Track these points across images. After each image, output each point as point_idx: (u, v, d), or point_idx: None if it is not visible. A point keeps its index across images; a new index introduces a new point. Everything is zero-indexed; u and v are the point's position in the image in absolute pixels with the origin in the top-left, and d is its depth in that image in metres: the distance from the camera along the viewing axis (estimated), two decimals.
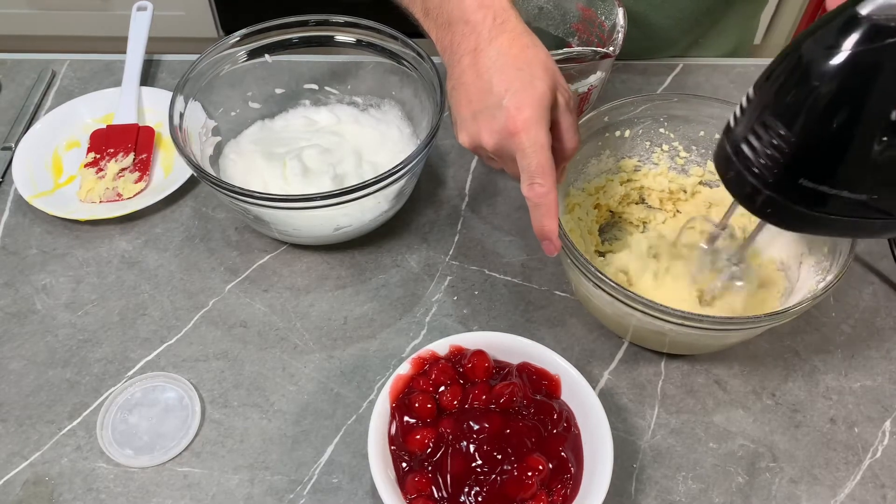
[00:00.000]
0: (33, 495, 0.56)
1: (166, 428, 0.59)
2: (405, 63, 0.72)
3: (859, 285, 0.69)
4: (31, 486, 0.57)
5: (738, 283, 0.62)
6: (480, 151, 0.58)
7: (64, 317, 0.66)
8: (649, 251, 0.67)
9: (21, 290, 0.68)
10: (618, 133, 0.69)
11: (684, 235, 0.65)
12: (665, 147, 0.71)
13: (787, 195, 0.47)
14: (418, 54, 0.69)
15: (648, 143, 0.71)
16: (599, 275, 0.55)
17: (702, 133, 0.69)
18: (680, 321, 0.54)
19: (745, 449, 0.59)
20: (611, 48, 0.70)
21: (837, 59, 0.41)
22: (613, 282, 0.55)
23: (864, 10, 0.40)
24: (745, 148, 0.47)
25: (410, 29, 0.66)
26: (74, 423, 0.60)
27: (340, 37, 0.73)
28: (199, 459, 0.58)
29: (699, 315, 0.53)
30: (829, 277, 0.57)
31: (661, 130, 0.70)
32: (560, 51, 0.68)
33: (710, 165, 0.71)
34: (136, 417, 0.60)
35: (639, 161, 0.72)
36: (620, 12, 0.71)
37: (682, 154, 0.71)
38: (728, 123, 0.49)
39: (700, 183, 0.72)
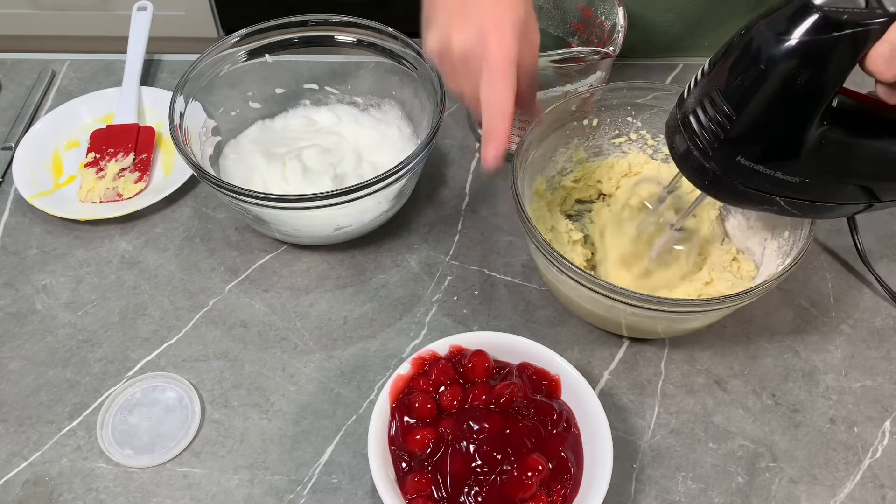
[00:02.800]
0: (33, 495, 0.56)
1: (166, 428, 0.59)
2: (405, 63, 0.72)
3: (859, 285, 0.69)
4: (31, 486, 0.57)
5: (679, 248, 0.63)
6: (445, 58, 0.55)
7: (64, 317, 0.66)
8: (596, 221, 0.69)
9: (21, 290, 0.68)
10: (585, 122, 0.69)
11: (633, 196, 0.66)
12: (633, 135, 0.71)
13: (726, 170, 0.48)
14: (418, 54, 0.69)
15: (616, 131, 0.71)
16: (560, 257, 0.55)
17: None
18: (640, 303, 0.54)
19: (744, 449, 0.59)
20: (611, 48, 0.70)
21: (785, 46, 0.41)
22: (572, 263, 0.54)
23: (817, 0, 0.40)
24: (692, 120, 0.48)
25: (410, 29, 0.66)
26: (74, 423, 0.60)
27: (340, 37, 0.73)
28: (199, 459, 0.58)
29: (658, 298, 0.53)
30: (788, 260, 0.57)
31: (629, 119, 0.70)
32: (560, 51, 0.68)
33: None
34: (136, 417, 0.60)
35: (606, 150, 0.72)
36: (620, 12, 0.71)
37: (651, 142, 0.71)
38: (682, 94, 0.49)
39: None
